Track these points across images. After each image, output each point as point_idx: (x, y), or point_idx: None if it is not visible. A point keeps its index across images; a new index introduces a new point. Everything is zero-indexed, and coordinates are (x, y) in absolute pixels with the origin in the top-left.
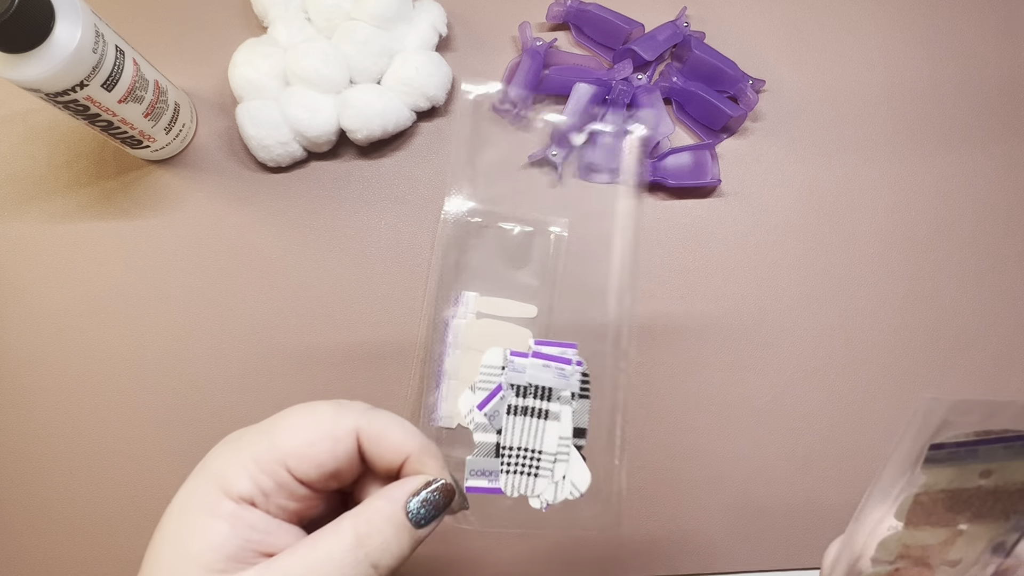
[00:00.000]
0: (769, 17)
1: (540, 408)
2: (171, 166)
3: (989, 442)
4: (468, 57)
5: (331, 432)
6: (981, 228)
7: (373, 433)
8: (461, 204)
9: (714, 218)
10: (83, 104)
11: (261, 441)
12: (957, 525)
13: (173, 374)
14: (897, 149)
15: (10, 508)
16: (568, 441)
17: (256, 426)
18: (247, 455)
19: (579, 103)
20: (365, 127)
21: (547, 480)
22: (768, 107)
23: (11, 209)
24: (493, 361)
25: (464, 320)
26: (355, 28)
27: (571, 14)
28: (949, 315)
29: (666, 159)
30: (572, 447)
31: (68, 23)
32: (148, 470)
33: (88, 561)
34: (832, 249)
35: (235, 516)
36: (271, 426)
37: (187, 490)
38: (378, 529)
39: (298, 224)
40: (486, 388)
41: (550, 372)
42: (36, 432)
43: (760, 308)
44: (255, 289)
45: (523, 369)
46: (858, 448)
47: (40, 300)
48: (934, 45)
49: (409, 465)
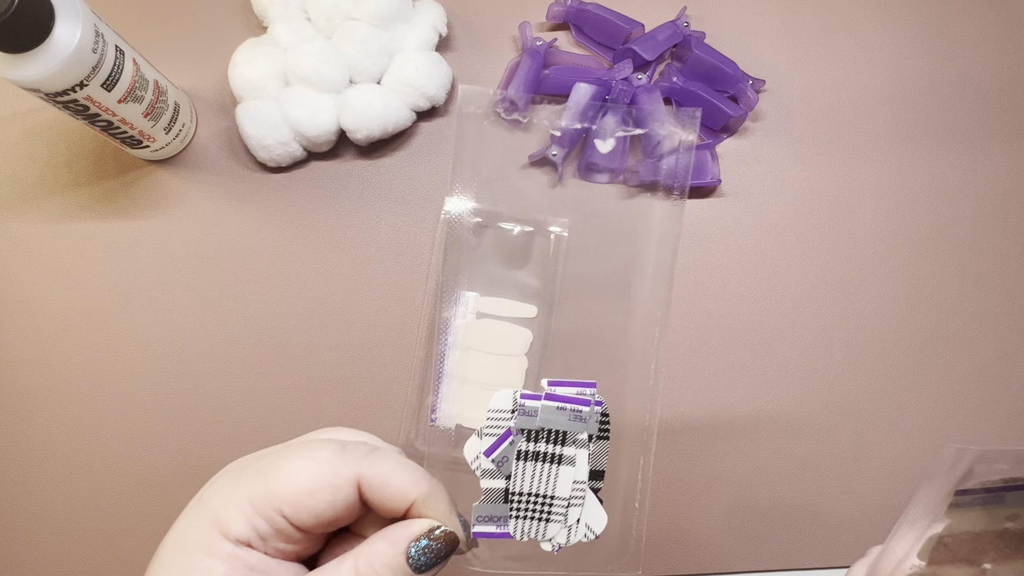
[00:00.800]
0: (769, 17)
1: (553, 453)
2: (171, 166)
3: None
4: (468, 57)
5: (331, 482)
6: (981, 228)
7: (376, 482)
8: (461, 204)
9: (714, 218)
10: (83, 104)
11: (258, 483)
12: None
13: (173, 374)
14: (897, 149)
15: (10, 508)
16: (583, 484)
17: (256, 463)
18: (243, 497)
19: (579, 103)
20: (365, 127)
21: (559, 524)
22: (768, 107)
23: (11, 209)
24: (502, 405)
25: (464, 320)
26: (355, 28)
27: (571, 14)
28: (949, 315)
29: None
30: (588, 490)
31: (68, 23)
32: (148, 470)
33: (88, 561)
34: (832, 249)
35: (233, 557)
36: (270, 468)
37: (184, 526)
38: (377, 573)
39: (298, 224)
40: (494, 433)
41: (565, 415)
42: (36, 432)
43: (760, 308)
44: (255, 289)
45: (535, 413)
46: (858, 448)
47: (40, 300)
48: (934, 45)
49: (415, 510)
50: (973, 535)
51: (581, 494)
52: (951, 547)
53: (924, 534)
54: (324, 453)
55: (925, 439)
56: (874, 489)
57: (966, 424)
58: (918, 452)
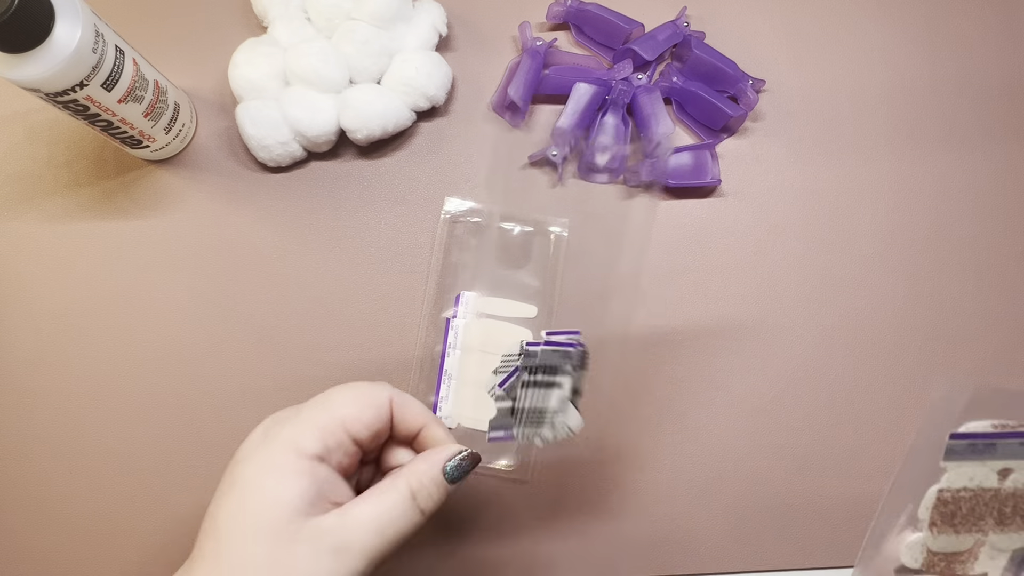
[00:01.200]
0: (769, 17)
1: (547, 380)
2: (171, 166)
3: (1006, 436)
4: (468, 57)
5: (375, 401)
6: (981, 228)
7: (401, 403)
8: (461, 204)
9: (714, 218)
10: (83, 104)
11: (322, 412)
12: (980, 530)
13: (173, 374)
14: (897, 149)
15: (10, 508)
16: (567, 398)
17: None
18: (312, 424)
19: (579, 103)
20: (365, 127)
21: (549, 427)
22: (768, 107)
23: (11, 209)
24: (511, 350)
25: (464, 320)
26: (355, 28)
27: (571, 14)
28: (949, 314)
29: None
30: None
31: (68, 23)
32: (148, 470)
33: (88, 561)
34: (832, 249)
35: (312, 470)
36: (325, 402)
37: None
38: (424, 485)
39: (298, 224)
40: (505, 370)
41: (557, 355)
42: (36, 432)
43: (760, 308)
44: (255, 289)
45: (536, 355)
46: (858, 448)
47: (40, 300)
48: (934, 45)
49: (426, 430)
50: (971, 494)
51: (565, 406)
52: (951, 505)
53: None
54: (363, 385)
55: None
56: (874, 489)
57: None
58: None
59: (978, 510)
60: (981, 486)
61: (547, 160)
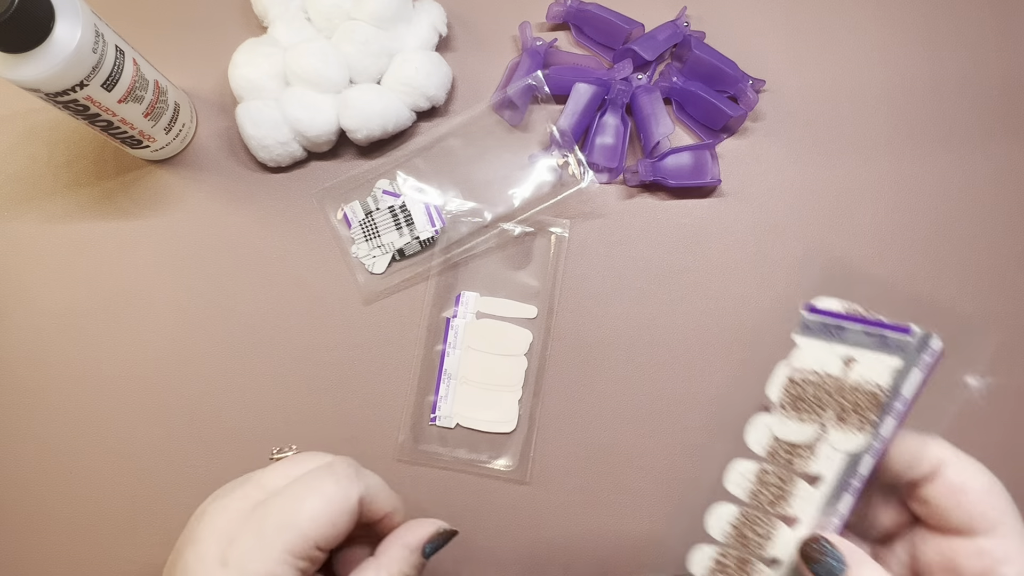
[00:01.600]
0: (769, 17)
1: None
2: (171, 166)
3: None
4: (468, 57)
5: (345, 507)
6: (981, 228)
7: (369, 497)
8: (461, 204)
9: (714, 218)
10: (83, 104)
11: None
12: (822, 423)
13: (173, 373)
14: (897, 149)
15: (10, 508)
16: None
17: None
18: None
19: (579, 103)
20: (365, 127)
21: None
22: (768, 107)
23: (11, 209)
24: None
25: (464, 320)
26: (355, 28)
27: (571, 14)
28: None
29: (666, 159)
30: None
31: (68, 23)
32: (148, 470)
33: (88, 561)
34: (832, 249)
35: None
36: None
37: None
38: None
39: (298, 224)
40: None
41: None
42: (36, 432)
43: (760, 308)
44: (255, 289)
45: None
46: None
47: (40, 300)
48: (934, 45)
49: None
50: (818, 379)
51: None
52: (799, 387)
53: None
54: (330, 487)
55: None
56: None
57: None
58: None
59: (822, 399)
60: (827, 372)
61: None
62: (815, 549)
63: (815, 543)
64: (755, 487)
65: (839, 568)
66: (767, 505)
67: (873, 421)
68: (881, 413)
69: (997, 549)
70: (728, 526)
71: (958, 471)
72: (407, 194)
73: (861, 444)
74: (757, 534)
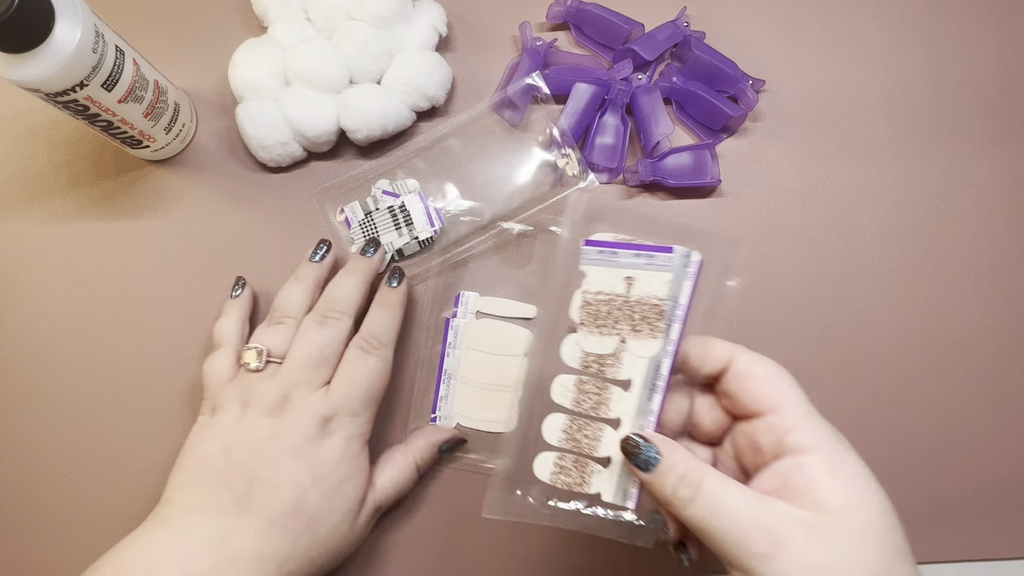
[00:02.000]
0: (769, 17)
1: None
2: (171, 166)
3: (624, 247)
4: (468, 57)
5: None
6: (981, 228)
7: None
8: (460, 204)
9: (714, 218)
10: (83, 104)
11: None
12: (619, 335)
13: (173, 374)
14: (897, 149)
15: (10, 508)
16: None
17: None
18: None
19: (579, 103)
20: (365, 127)
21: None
22: (768, 107)
23: (11, 209)
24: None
25: (464, 320)
26: (355, 28)
27: (571, 14)
28: (949, 315)
29: (666, 159)
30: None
31: (68, 23)
32: (148, 470)
33: (88, 561)
34: (832, 249)
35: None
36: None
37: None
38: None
39: (298, 224)
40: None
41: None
42: (36, 432)
43: (760, 308)
44: (255, 289)
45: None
46: (858, 448)
47: (40, 300)
48: (934, 45)
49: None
50: (607, 297)
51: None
52: (592, 307)
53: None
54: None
55: (925, 439)
56: None
57: (966, 424)
58: (918, 452)
59: (614, 314)
60: (614, 291)
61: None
62: (633, 445)
63: (631, 440)
64: (577, 396)
65: (655, 458)
66: (590, 411)
67: (661, 328)
68: (666, 320)
69: (782, 422)
70: (561, 433)
71: (744, 363)
72: (406, 195)
73: (657, 349)
74: (587, 437)
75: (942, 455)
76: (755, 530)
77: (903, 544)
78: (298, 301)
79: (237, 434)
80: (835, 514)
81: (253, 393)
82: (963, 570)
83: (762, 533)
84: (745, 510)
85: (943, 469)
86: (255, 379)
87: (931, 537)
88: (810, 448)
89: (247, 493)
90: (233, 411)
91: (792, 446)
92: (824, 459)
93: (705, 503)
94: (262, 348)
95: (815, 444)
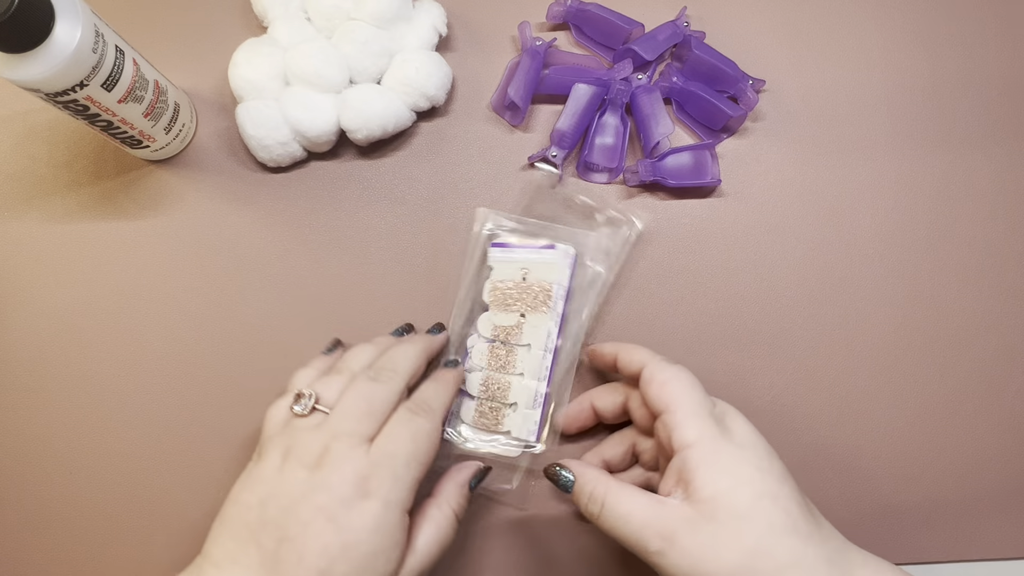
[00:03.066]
0: (769, 17)
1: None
2: (171, 166)
3: (521, 247)
4: (468, 57)
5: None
6: (981, 228)
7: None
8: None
9: (714, 218)
10: (83, 104)
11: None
12: (520, 312)
13: (173, 374)
14: (897, 149)
15: (10, 508)
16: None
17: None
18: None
19: (579, 103)
20: (365, 127)
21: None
22: (768, 107)
23: (11, 209)
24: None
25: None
26: (355, 28)
27: (571, 14)
28: (949, 315)
29: (666, 159)
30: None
31: (68, 23)
32: (148, 470)
33: (88, 561)
34: (832, 249)
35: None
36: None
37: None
38: (460, 504)
39: (298, 224)
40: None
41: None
42: (36, 432)
43: (760, 308)
44: (255, 289)
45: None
46: (858, 448)
47: (40, 300)
48: (934, 45)
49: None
50: (510, 284)
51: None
52: (499, 292)
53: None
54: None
55: (925, 439)
56: (874, 489)
57: (966, 423)
58: (918, 452)
59: (515, 295)
60: (514, 280)
61: (547, 160)
62: (553, 473)
63: (551, 469)
64: (490, 358)
65: (570, 480)
66: (500, 369)
67: (550, 305)
68: (554, 299)
69: (671, 420)
70: (480, 386)
71: (649, 368)
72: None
73: (548, 320)
74: (499, 387)
75: (942, 455)
76: (649, 531)
77: (783, 521)
78: (363, 359)
79: (274, 485)
80: (709, 503)
81: (295, 441)
82: (963, 570)
83: (654, 533)
84: (639, 516)
85: (943, 469)
86: (300, 427)
87: (931, 537)
88: (691, 443)
89: (275, 553)
90: (274, 460)
91: (678, 442)
92: (701, 453)
93: (609, 515)
94: (311, 393)
95: (695, 439)
